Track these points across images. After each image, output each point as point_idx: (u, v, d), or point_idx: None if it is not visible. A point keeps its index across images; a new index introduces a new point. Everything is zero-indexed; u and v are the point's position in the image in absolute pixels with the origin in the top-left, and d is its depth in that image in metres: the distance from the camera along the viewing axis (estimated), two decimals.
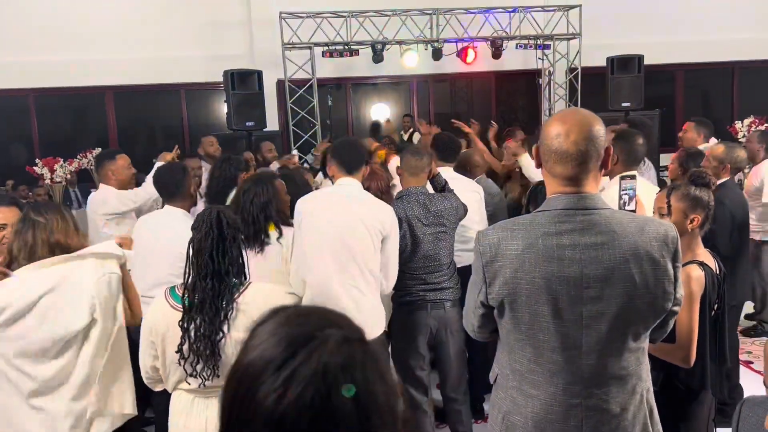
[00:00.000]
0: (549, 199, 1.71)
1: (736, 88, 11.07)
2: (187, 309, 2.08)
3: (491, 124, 6.04)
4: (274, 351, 0.79)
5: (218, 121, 9.50)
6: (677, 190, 2.51)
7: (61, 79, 8.95)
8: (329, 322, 0.83)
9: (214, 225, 2.08)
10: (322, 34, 8.46)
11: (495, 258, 1.68)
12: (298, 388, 0.76)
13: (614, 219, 1.67)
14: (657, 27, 10.16)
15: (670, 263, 1.67)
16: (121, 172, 3.97)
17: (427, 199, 3.28)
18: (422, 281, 3.26)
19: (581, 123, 1.65)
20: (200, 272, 2.08)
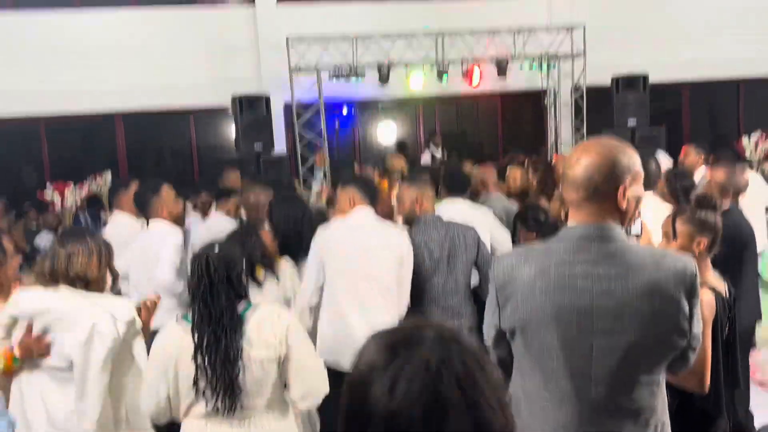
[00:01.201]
0: (566, 228, 1.70)
1: (742, 103, 11.08)
2: (197, 346, 2.12)
3: None
4: (377, 356, 0.87)
5: (226, 145, 9.58)
6: (682, 214, 2.49)
7: (71, 105, 9.06)
8: (424, 326, 0.91)
9: (204, 273, 2.14)
10: (328, 57, 8.55)
11: (507, 283, 1.68)
12: (406, 384, 0.83)
13: (631, 252, 1.63)
14: (661, 44, 10.21)
15: (685, 299, 1.61)
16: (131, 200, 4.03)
17: (443, 224, 3.38)
18: (440, 305, 3.32)
19: (598, 151, 1.63)
20: (200, 318, 2.13)
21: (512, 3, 9.95)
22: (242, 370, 2.11)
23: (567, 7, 10.00)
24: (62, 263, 2.39)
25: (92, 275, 2.44)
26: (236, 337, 2.13)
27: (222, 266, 2.15)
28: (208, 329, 2.11)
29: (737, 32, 10.43)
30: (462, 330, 3.13)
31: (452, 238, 3.34)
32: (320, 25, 8.71)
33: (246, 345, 2.13)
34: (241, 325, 2.15)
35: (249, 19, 9.50)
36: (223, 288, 2.14)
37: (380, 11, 9.64)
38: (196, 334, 2.13)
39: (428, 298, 3.31)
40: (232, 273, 2.18)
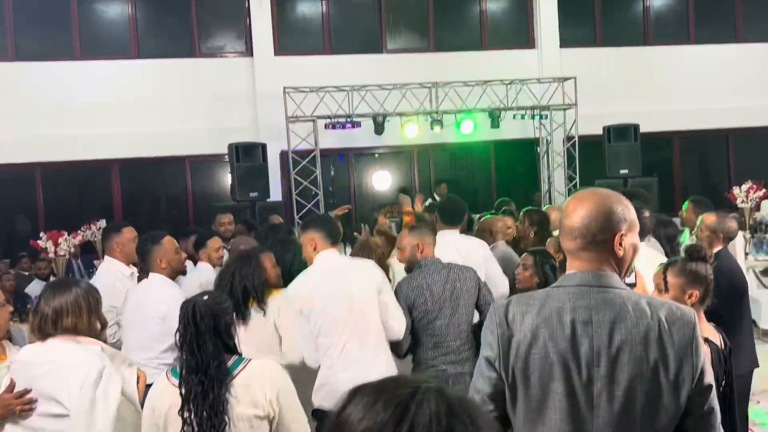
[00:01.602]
0: (565, 275, 1.72)
1: (732, 154, 11.25)
2: (184, 400, 2.09)
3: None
4: (385, 414, 0.85)
5: (222, 192, 9.62)
6: (673, 266, 2.49)
7: (68, 152, 9.13)
8: (417, 380, 0.91)
9: (190, 321, 2.11)
10: (324, 107, 8.69)
11: (509, 332, 1.67)
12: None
13: (630, 299, 1.64)
14: (651, 95, 10.44)
15: (686, 350, 1.60)
16: (126, 244, 3.95)
17: (444, 267, 3.39)
18: (444, 350, 3.30)
19: (591, 201, 1.67)
20: (187, 369, 2.11)
21: (504, 56, 10.20)
22: (229, 425, 2.07)
23: (558, 60, 10.27)
24: (49, 320, 2.38)
25: (82, 327, 2.42)
26: (222, 389, 2.08)
27: (209, 315, 2.12)
28: (195, 379, 2.07)
29: (726, 84, 10.70)
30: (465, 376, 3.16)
31: (453, 280, 3.34)
32: (317, 76, 8.88)
33: (234, 401, 2.09)
34: (230, 379, 2.11)
35: (247, 70, 9.69)
36: (209, 337, 2.11)
37: (376, 63, 9.86)
38: (184, 386, 2.09)
39: (431, 342, 3.30)
40: (220, 323, 2.15)
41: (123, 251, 3.94)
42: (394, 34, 10.24)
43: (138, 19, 9.57)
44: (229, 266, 3.32)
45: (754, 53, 10.95)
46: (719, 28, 11.14)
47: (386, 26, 10.14)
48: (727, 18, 11.14)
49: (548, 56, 10.33)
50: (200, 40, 9.76)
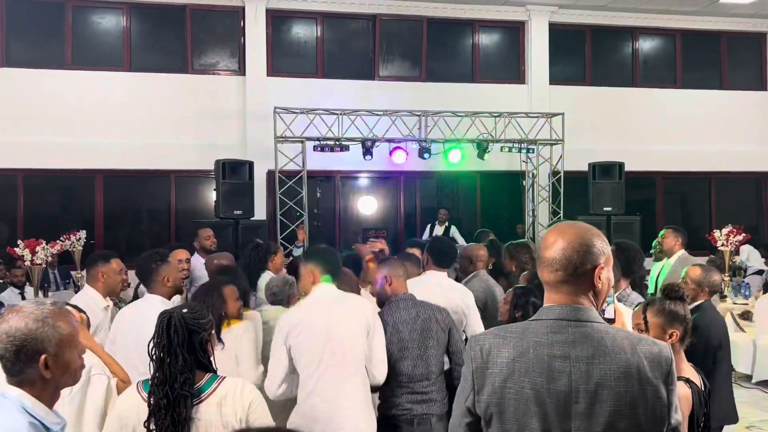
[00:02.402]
0: (543, 308, 1.70)
1: (714, 197, 11.43)
2: (151, 412, 2.05)
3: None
4: None
5: (206, 209, 9.56)
6: (653, 306, 2.49)
7: (52, 160, 9.05)
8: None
9: (164, 332, 2.08)
10: (314, 129, 8.72)
11: (486, 365, 1.65)
12: None
13: (608, 334, 1.63)
14: (637, 135, 10.63)
15: (663, 386, 1.61)
16: (111, 276, 3.84)
17: (414, 305, 3.29)
18: (410, 390, 3.19)
19: (571, 234, 1.67)
20: (155, 380, 2.07)
21: (495, 89, 10.35)
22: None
23: (547, 96, 10.43)
24: None
25: None
26: (187, 406, 2.04)
27: (183, 328, 2.08)
28: (161, 392, 2.03)
29: (710, 129, 10.95)
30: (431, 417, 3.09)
31: (424, 320, 3.23)
32: (308, 99, 8.93)
33: (205, 420, 2.06)
34: (204, 396, 2.07)
35: (238, 88, 9.71)
36: (180, 351, 2.06)
37: (367, 89, 9.94)
38: (153, 398, 2.05)
39: (396, 380, 3.18)
40: (195, 338, 2.10)
41: (106, 282, 3.83)
42: (386, 62, 10.35)
43: (132, 31, 9.58)
44: (194, 298, 3.29)
45: (739, 100, 11.22)
46: (705, 73, 11.41)
47: (379, 53, 10.25)
48: (714, 64, 11.42)
49: (538, 92, 10.49)
50: (193, 56, 9.78)
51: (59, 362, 1.66)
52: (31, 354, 1.63)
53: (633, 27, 11.03)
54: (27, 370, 1.63)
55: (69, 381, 1.73)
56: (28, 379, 1.64)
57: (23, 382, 1.64)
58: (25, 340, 1.62)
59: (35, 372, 1.64)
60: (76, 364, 1.72)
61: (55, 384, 1.68)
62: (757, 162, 11.32)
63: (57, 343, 1.66)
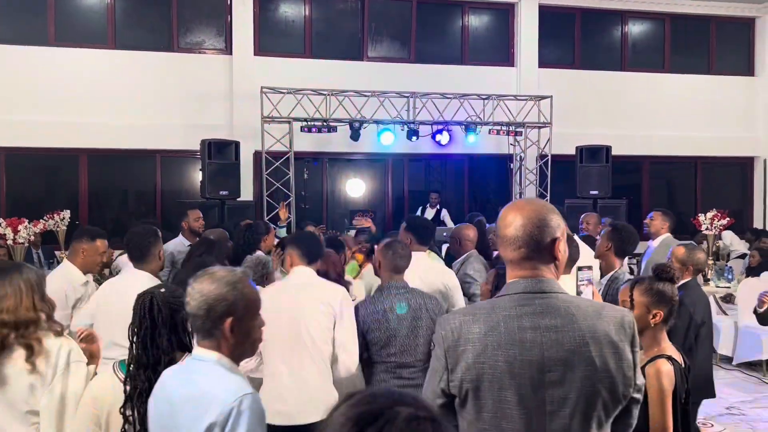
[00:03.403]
0: (508, 284, 1.73)
1: (699, 181, 11.52)
2: (128, 397, 1.99)
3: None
4: (340, 430, 0.79)
5: (192, 189, 9.49)
6: (641, 284, 2.50)
7: (35, 139, 8.91)
8: (398, 401, 0.83)
9: (146, 313, 2.02)
10: (301, 110, 8.65)
11: (457, 342, 1.66)
12: None
13: (572, 303, 1.69)
14: (624, 120, 10.65)
15: (628, 347, 1.68)
16: (91, 255, 3.80)
17: (407, 293, 3.30)
18: (396, 375, 3.22)
19: (529, 210, 1.71)
20: (137, 363, 2.01)
21: (483, 71, 10.30)
22: None
23: (536, 79, 10.40)
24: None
25: (25, 316, 2.32)
26: None
27: (166, 308, 2.03)
28: (143, 375, 1.98)
29: (697, 113, 10.99)
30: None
31: (414, 309, 3.25)
32: (295, 79, 8.83)
33: None
34: None
35: (225, 67, 9.59)
36: (165, 332, 2.01)
37: (355, 69, 9.86)
38: (130, 381, 2.00)
39: (384, 366, 3.22)
40: (177, 317, 2.05)
41: (85, 259, 3.79)
42: (375, 42, 10.27)
43: (117, 8, 9.41)
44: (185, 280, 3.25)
45: (726, 85, 11.25)
46: (694, 58, 11.42)
47: (368, 34, 10.16)
48: (702, 49, 11.44)
49: (526, 74, 10.45)
50: (179, 35, 9.63)
51: (242, 327, 1.77)
52: (220, 315, 1.75)
53: (623, 10, 11.00)
54: (215, 331, 1.76)
55: (248, 351, 1.85)
56: (215, 341, 1.77)
57: (211, 343, 1.77)
58: (216, 301, 1.74)
59: (221, 333, 1.76)
60: (256, 334, 1.84)
61: (237, 350, 1.79)
62: (743, 147, 11.40)
63: (243, 308, 1.78)
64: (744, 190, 11.78)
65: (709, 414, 5.26)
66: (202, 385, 1.73)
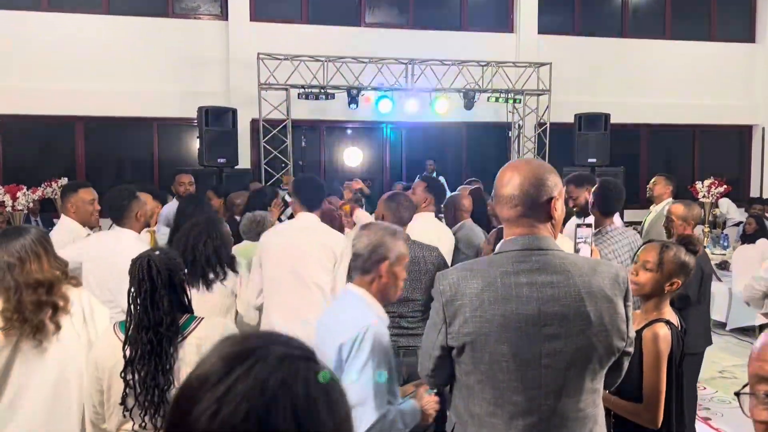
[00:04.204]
0: (505, 241, 1.77)
1: (697, 150, 11.50)
2: (128, 361, 2.00)
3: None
4: (210, 368, 0.75)
5: (190, 157, 9.45)
6: (669, 251, 2.45)
7: (31, 105, 8.84)
8: (271, 340, 0.79)
9: (146, 276, 2.02)
10: (298, 77, 8.57)
11: (455, 297, 1.70)
12: (232, 405, 0.71)
13: (567, 259, 1.73)
14: (623, 88, 10.57)
15: (621, 301, 1.72)
16: (80, 206, 3.77)
17: (409, 244, 3.30)
18: (396, 324, 3.25)
19: (525, 170, 1.74)
20: (138, 325, 2.02)
21: (482, 37, 10.19)
22: (175, 385, 2.00)
23: (535, 45, 10.30)
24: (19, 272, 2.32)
25: (51, 276, 2.36)
26: (172, 347, 2.02)
27: (165, 269, 2.04)
28: (145, 338, 1.99)
29: (696, 81, 10.91)
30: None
31: (413, 261, 3.23)
32: (292, 45, 8.74)
33: (183, 362, 2.02)
34: (181, 338, 2.03)
35: (221, 33, 9.47)
36: (165, 293, 2.02)
37: (353, 35, 9.74)
38: (130, 346, 2.01)
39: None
40: (175, 277, 2.07)
41: (78, 212, 3.77)
42: (373, 8, 10.14)
43: None
44: (200, 233, 3.22)
45: (726, 52, 11.16)
46: (694, 25, 11.31)
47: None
48: (703, 16, 11.32)
49: (526, 41, 10.35)
50: (174, 0, 9.49)
51: (392, 272, 2.14)
52: (379, 258, 2.13)
53: None
54: (372, 270, 2.13)
55: (392, 294, 2.19)
56: (370, 278, 2.14)
57: (365, 281, 2.15)
58: (377, 245, 2.13)
59: (377, 273, 2.13)
60: (400, 281, 2.19)
61: (384, 290, 2.15)
62: (742, 115, 11.36)
63: (397, 256, 2.15)
64: (742, 158, 11.78)
65: (701, 377, 5.35)
66: (345, 312, 2.14)
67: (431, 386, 1.94)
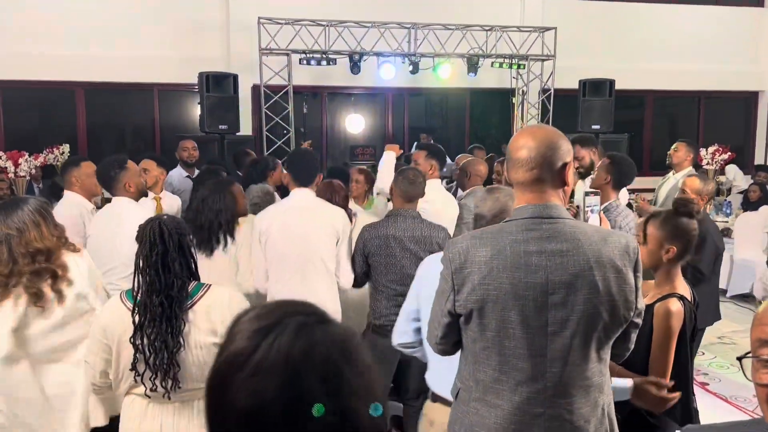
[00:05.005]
0: (516, 209, 1.77)
1: (702, 116, 11.40)
2: (138, 326, 2.02)
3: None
4: (239, 346, 0.80)
5: (191, 123, 9.40)
6: (656, 218, 2.39)
7: (31, 72, 8.76)
8: (292, 312, 0.84)
9: (157, 239, 2.03)
10: (300, 42, 8.46)
11: (464, 265, 1.71)
12: (262, 383, 0.77)
13: (578, 228, 1.73)
14: (628, 53, 10.43)
15: (631, 272, 1.72)
16: (84, 180, 3.84)
17: (417, 222, 3.30)
18: (398, 303, 3.24)
19: (541, 134, 1.75)
20: (149, 289, 2.03)
21: (487, 2, 10.01)
22: (185, 350, 2.03)
23: (539, 10, 10.12)
24: (22, 245, 2.37)
25: (50, 244, 2.40)
26: (181, 310, 2.03)
27: (175, 233, 2.06)
28: (156, 300, 2.00)
29: (702, 47, 10.74)
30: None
31: (421, 238, 3.25)
32: (293, 9, 8.60)
33: (192, 327, 2.05)
34: (190, 304, 2.05)
35: None
36: (176, 256, 2.04)
37: None
38: (139, 310, 2.02)
39: (386, 295, 3.26)
40: (184, 242, 2.09)
41: (82, 186, 3.84)
42: None
43: None
44: (206, 197, 3.28)
45: (733, 16, 10.97)
46: None
47: None
48: None
49: (531, 5, 10.17)
50: None
51: None
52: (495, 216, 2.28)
53: None
54: None
55: None
56: None
57: None
58: (501, 210, 2.27)
59: None
60: None
61: None
62: (748, 81, 11.23)
63: None
64: (747, 125, 11.68)
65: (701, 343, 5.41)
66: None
67: (440, 354, 1.89)
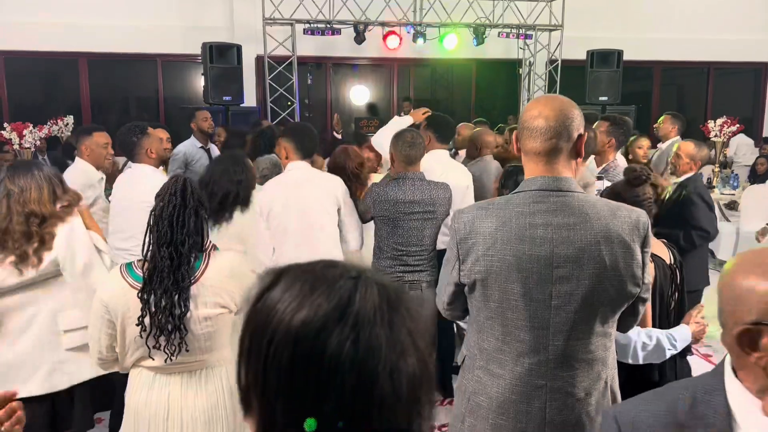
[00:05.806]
0: (525, 180, 1.75)
1: (711, 88, 11.27)
2: (146, 280, 1.97)
3: None
4: (327, 306, 0.78)
5: (194, 94, 9.35)
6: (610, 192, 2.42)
7: (34, 42, 8.71)
8: (353, 269, 0.84)
9: (178, 193, 1.99)
10: (304, 11, 8.36)
11: (469, 235, 1.71)
12: (367, 330, 0.77)
13: (587, 202, 1.70)
14: (637, 23, 10.27)
15: (639, 248, 1.70)
16: (94, 149, 3.87)
17: (423, 184, 3.32)
18: (402, 263, 3.32)
19: (555, 104, 1.71)
20: (159, 240, 1.97)
21: None
22: (191, 314, 2.00)
23: None
24: (19, 204, 2.40)
25: (46, 210, 2.43)
26: (190, 268, 2.00)
27: (197, 194, 2.03)
28: (165, 252, 1.95)
29: (711, 17, 10.56)
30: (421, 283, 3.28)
31: (424, 200, 3.28)
32: None
33: (200, 292, 2.02)
34: (193, 279, 2.01)
35: None
36: (193, 213, 2.00)
37: None
38: (148, 265, 1.97)
39: (391, 254, 3.31)
40: (201, 209, 2.05)
41: (92, 155, 3.88)
42: None
43: None
44: (226, 170, 3.27)
45: None
46: None
47: None
48: None
49: None
50: None
51: None
52: None
53: None
54: None
55: None
56: None
57: None
58: None
59: None
60: None
61: None
62: (758, 52, 11.05)
63: None
64: (756, 96, 11.54)
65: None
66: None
67: (449, 318, 1.96)
